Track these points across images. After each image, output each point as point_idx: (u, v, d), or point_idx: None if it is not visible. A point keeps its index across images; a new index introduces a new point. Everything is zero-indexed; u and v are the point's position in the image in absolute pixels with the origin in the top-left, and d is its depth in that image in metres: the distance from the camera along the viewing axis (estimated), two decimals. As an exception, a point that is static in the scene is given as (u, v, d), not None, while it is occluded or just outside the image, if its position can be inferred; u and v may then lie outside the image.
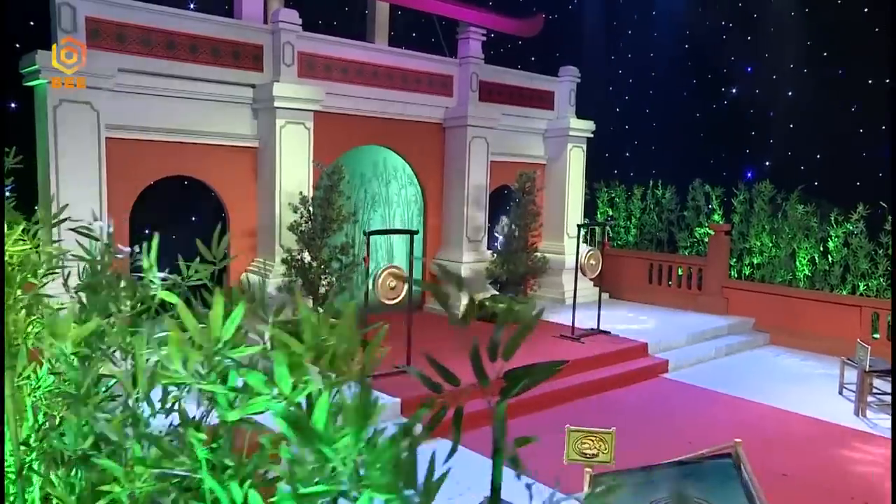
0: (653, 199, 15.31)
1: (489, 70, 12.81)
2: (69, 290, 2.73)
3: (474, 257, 12.20)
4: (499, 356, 1.50)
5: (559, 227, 13.89)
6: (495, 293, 12.18)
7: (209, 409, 2.09)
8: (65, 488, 2.47)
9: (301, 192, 9.62)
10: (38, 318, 2.83)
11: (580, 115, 14.23)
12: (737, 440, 5.21)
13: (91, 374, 2.39)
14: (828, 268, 12.48)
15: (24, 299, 2.80)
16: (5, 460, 2.53)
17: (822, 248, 12.61)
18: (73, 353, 2.39)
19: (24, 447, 2.67)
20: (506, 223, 12.03)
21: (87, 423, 2.29)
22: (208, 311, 1.86)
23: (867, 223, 12.03)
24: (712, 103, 15.31)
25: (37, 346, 2.65)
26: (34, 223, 3.32)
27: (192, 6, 11.15)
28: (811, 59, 13.85)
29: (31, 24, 9.15)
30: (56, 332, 2.20)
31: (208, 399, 2.06)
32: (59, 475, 2.50)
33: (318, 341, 1.99)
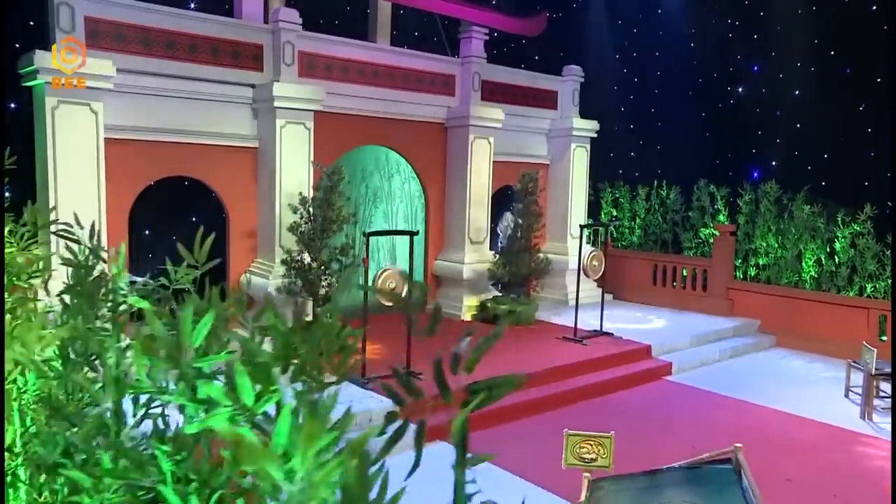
0: (657, 199, 15.19)
1: (491, 69, 12.72)
2: (49, 294, 2.68)
3: (476, 258, 12.12)
4: (461, 367, 1.43)
5: (562, 228, 13.79)
6: (497, 294, 12.10)
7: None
8: (50, 495, 2.42)
9: (301, 193, 9.56)
10: (21, 321, 2.78)
11: (584, 114, 14.13)
12: (737, 445, 5.11)
13: (67, 380, 2.33)
14: (834, 269, 12.33)
15: (9, 302, 2.75)
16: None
17: (828, 249, 12.46)
18: (45, 360, 2.33)
19: (8, 453, 2.62)
20: (508, 220, 11.93)
21: (59, 431, 2.24)
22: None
23: (875, 224, 11.86)
24: (718, 102, 15.17)
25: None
26: (21, 225, 3.27)
27: (192, 6, 11.13)
28: (818, 57, 13.69)
29: (30, 23, 9.12)
30: (24, 337, 2.14)
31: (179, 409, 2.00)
32: (41, 482, 2.45)
33: (290, 349, 1.92)
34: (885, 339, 11.02)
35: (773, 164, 14.31)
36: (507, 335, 10.90)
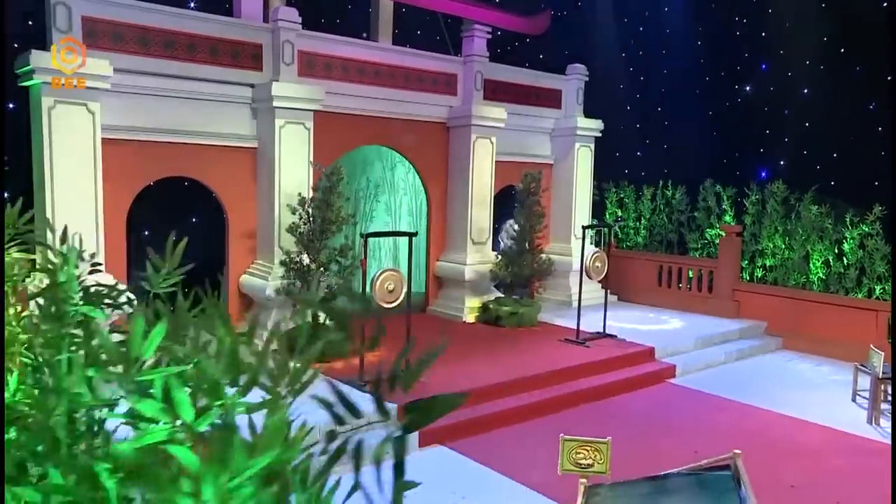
0: (662, 199, 15.02)
1: (494, 68, 12.60)
2: (8, 299, 2.61)
3: (478, 259, 12.01)
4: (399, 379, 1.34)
5: (566, 229, 13.66)
6: (500, 295, 11.98)
7: None
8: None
9: (300, 194, 9.49)
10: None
11: (589, 113, 13.98)
12: (736, 451, 4.98)
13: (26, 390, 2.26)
14: (843, 270, 12.13)
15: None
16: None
17: (836, 250, 12.25)
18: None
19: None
20: (512, 226, 11.80)
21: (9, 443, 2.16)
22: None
23: (884, 224, 11.65)
24: (725, 101, 15.02)
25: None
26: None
27: (192, 5, 11.08)
28: (827, 55, 13.51)
29: (29, 23, 9.09)
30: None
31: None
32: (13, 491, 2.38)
33: (238, 361, 1.83)
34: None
35: (782, 163, 14.12)
36: (508, 337, 10.81)
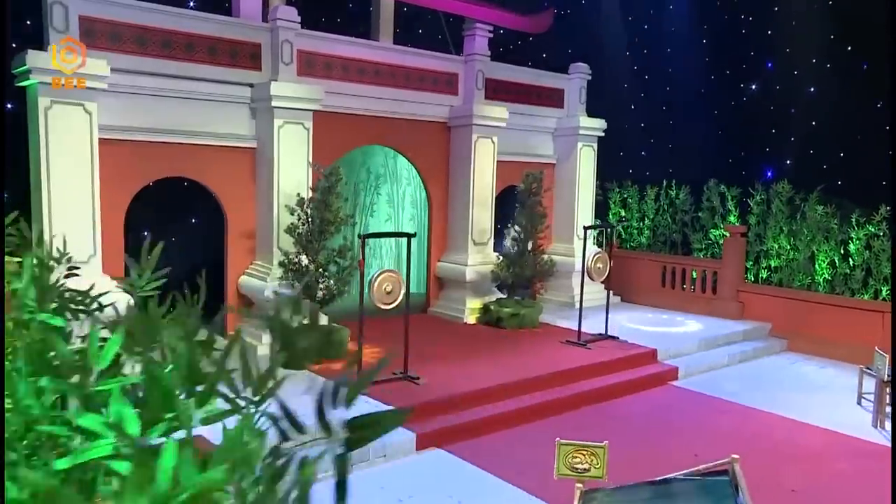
0: (666, 199, 14.89)
1: (496, 67, 12.51)
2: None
3: (479, 260, 11.93)
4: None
5: (569, 229, 13.56)
6: (501, 296, 11.89)
7: None
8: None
9: (299, 194, 9.44)
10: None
11: (593, 113, 13.87)
12: (734, 456, 4.89)
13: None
14: (849, 271, 11.98)
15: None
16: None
17: (842, 251, 12.10)
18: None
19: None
20: (516, 229, 11.68)
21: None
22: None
23: (890, 225, 11.50)
24: (731, 100, 14.87)
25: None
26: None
27: (191, 4, 11.04)
28: (834, 53, 13.35)
29: (27, 22, 9.07)
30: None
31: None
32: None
33: (195, 371, 1.76)
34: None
35: (788, 162, 13.97)
36: (509, 338, 10.72)
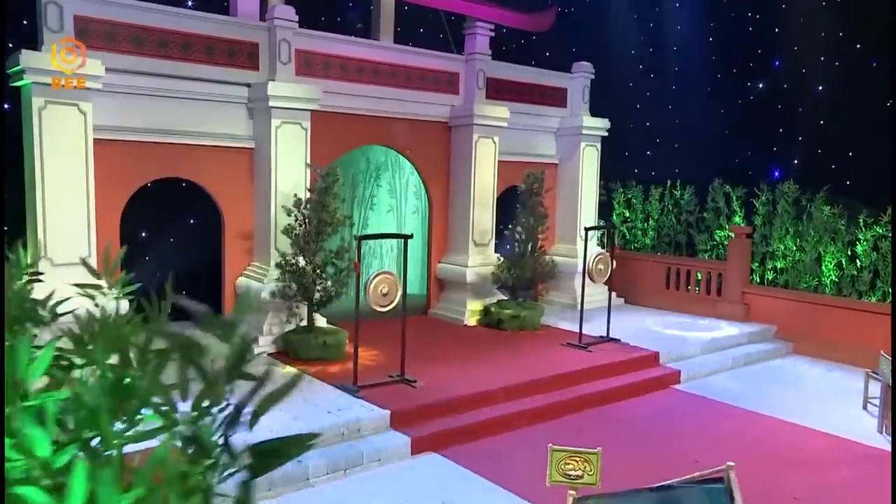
0: (671, 199, 14.71)
1: (497, 66, 12.37)
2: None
3: (480, 261, 11.81)
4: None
5: (572, 230, 13.41)
6: (502, 298, 11.76)
7: None
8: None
9: (296, 195, 9.35)
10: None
11: (597, 112, 13.71)
12: (729, 463, 4.75)
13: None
14: (856, 273, 11.77)
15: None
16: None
17: (849, 252, 11.90)
18: None
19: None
20: (518, 230, 11.54)
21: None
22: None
23: (892, 226, 11.30)
24: (738, 99, 14.71)
25: None
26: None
27: (189, 3, 10.98)
28: (842, 51, 13.15)
29: (24, 22, 9.03)
30: None
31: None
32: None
33: (123, 386, 1.66)
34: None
35: (795, 162, 13.77)
36: (510, 340, 10.60)
